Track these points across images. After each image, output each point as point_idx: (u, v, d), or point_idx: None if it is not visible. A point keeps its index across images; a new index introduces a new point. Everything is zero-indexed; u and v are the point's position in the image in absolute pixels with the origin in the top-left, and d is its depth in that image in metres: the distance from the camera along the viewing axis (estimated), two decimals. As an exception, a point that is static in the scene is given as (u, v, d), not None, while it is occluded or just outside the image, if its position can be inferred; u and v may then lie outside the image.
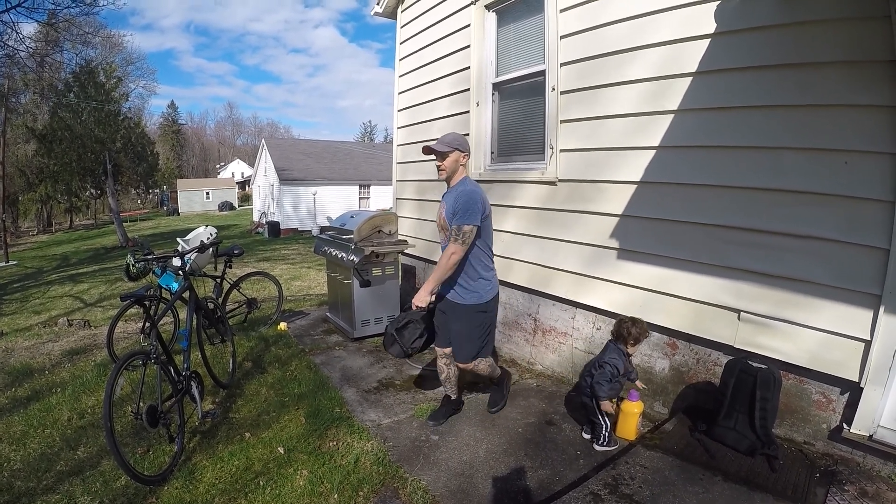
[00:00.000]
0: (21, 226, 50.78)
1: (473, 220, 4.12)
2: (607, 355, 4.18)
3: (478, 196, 4.17)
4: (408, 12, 8.26)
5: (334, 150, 45.91)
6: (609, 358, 4.14)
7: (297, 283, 14.27)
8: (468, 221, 4.10)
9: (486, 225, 4.29)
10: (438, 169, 4.34)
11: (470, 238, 4.15)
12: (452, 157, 4.26)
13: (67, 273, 20.85)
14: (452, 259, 4.16)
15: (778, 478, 3.51)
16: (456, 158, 4.28)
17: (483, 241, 4.32)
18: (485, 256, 4.36)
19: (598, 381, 4.09)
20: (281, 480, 3.75)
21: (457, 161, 4.29)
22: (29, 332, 8.72)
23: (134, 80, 42.80)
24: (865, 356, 3.50)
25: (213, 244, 6.19)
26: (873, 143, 3.37)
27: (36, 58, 23.68)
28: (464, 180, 4.34)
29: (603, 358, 4.19)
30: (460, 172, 4.36)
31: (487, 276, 4.38)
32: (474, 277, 4.32)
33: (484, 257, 4.35)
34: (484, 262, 4.35)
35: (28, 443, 4.38)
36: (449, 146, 4.22)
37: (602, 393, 4.05)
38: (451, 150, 4.23)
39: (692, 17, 4.20)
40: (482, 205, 4.19)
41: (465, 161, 4.36)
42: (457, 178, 4.35)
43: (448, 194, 4.34)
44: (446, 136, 4.30)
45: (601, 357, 4.24)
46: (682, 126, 4.37)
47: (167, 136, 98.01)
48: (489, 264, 4.42)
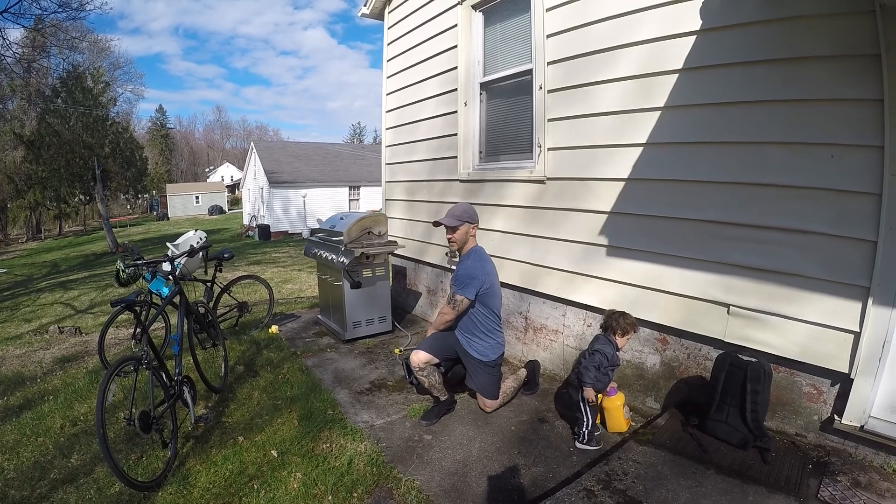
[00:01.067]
0: (10, 233, 50.57)
1: (467, 293, 4.54)
2: (597, 344, 4.20)
3: (477, 271, 4.54)
4: (395, 13, 8.25)
5: (324, 152, 45.89)
6: (599, 346, 4.17)
7: (288, 286, 14.27)
8: (461, 293, 4.55)
9: (488, 296, 4.62)
10: (449, 241, 4.63)
11: (461, 307, 4.60)
12: (462, 230, 4.56)
13: (58, 280, 20.79)
14: (442, 318, 4.73)
15: (771, 470, 3.53)
16: (466, 230, 4.58)
17: (488, 308, 4.65)
18: (490, 321, 4.69)
19: (585, 366, 4.12)
20: (275, 483, 3.73)
21: (467, 233, 4.60)
22: (20, 340, 8.69)
23: (122, 84, 42.70)
24: (855, 347, 3.52)
25: (203, 248, 6.17)
26: (859, 136, 3.39)
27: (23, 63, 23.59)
28: (472, 251, 4.67)
29: (593, 347, 4.22)
30: (470, 242, 4.66)
31: (493, 337, 4.70)
32: (480, 337, 4.70)
33: (489, 322, 4.69)
34: (489, 327, 4.69)
35: (21, 451, 4.35)
36: (459, 220, 4.51)
37: (588, 379, 4.07)
38: (461, 224, 4.53)
39: (678, 13, 4.21)
40: (481, 281, 4.50)
41: (474, 231, 4.67)
42: (467, 247, 4.65)
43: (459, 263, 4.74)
44: (455, 209, 4.58)
45: (591, 346, 4.26)
46: (669, 123, 4.38)
47: (156, 140, 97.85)
48: (495, 328, 4.72)
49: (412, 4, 7.65)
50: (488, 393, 4.72)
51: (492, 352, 4.68)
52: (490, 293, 4.60)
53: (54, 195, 36.94)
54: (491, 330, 4.67)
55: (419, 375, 4.62)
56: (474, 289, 4.52)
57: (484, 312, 4.63)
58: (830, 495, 3.24)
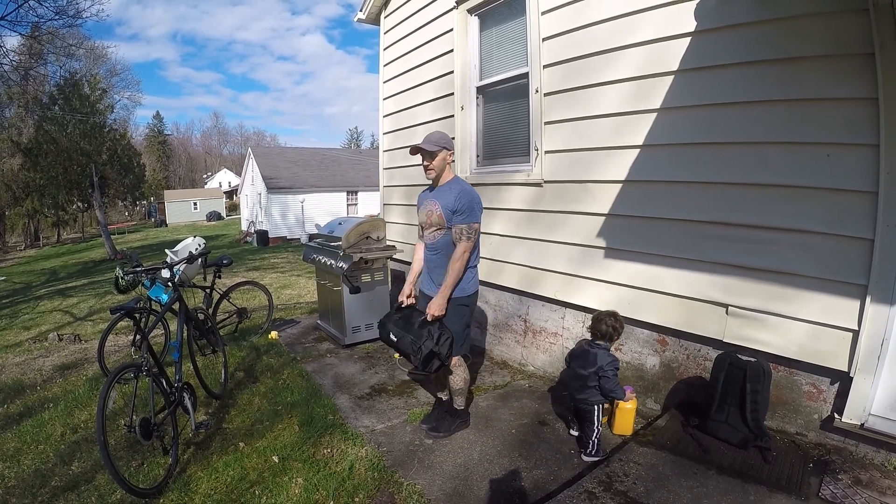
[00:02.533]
0: (8, 241, 50.51)
1: (477, 217, 4.24)
2: (604, 360, 4.07)
3: (475, 194, 4.25)
4: (391, 18, 8.27)
5: (321, 158, 45.85)
6: (608, 363, 4.07)
7: (288, 292, 14.27)
8: (475, 219, 4.21)
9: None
10: (426, 169, 4.34)
11: (476, 235, 4.26)
12: (440, 157, 4.27)
13: (56, 287, 20.77)
14: (465, 257, 4.19)
15: (772, 469, 3.53)
16: (444, 157, 4.30)
17: None
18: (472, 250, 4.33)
19: (612, 388, 4.05)
20: (276, 489, 3.73)
21: (444, 160, 4.31)
22: (19, 347, 8.69)
23: (119, 91, 42.54)
24: (854, 346, 3.53)
25: (202, 255, 6.17)
26: (855, 135, 3.40)
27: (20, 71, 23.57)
28: (456, 179, 4.38)
29: (602, 365, 4.06)
30: (448, 171, 4.38)
31: (471, 267, 4.36)
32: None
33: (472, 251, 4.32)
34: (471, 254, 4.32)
35: (22, 459, 4.35)
36: (437, 145, 4.24)
37: (619, 394, 4.09)
38: (440, 150, 4.25)
39: (672, 16, 4.23)
40: (479, 201, 4.27)
41: (451, 160, 4.38)
42: (445, 176, 4.36)
43: (440, 192, 4.33)
44: (432, 136, 4.31)
45: (598, 363, 4.08)
46: (666, 124, 4.39)
47: (153, 147, 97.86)
48: (474, 258, 4.38)
49: (408, 9, 7.67)
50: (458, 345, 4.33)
51: (469, 284, 4.35)
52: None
53: (52, 202, 36.88)
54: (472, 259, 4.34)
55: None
56: (480, 211, 4.28)
57: None
58: (832, 494, 3.24)
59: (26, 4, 17.19)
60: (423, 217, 4.45)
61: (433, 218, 4.31)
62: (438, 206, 4.27)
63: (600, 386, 4.08)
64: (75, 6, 19.23)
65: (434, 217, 4.29)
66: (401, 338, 4.24)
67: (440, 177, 4.36)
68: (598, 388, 4.08)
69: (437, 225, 4.30)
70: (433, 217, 4.31)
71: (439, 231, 4.30)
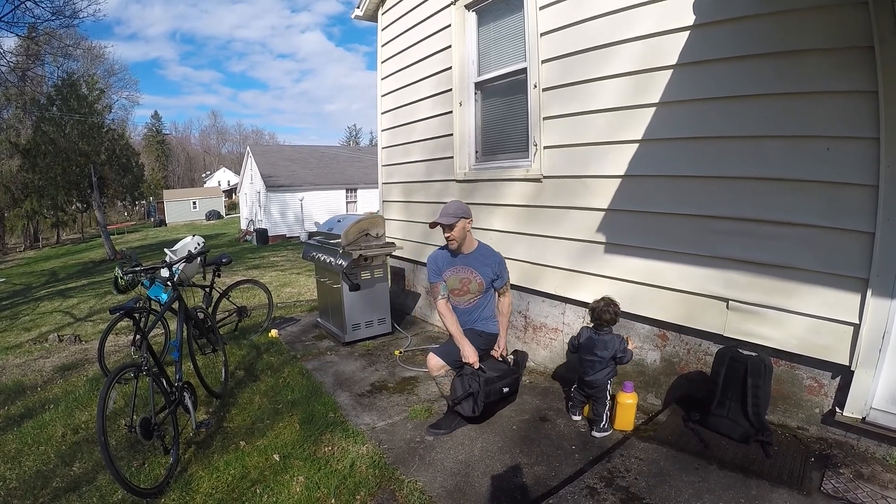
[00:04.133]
0: (8, 242, 50.49)
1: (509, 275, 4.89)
2: (618, 344, 4.29)
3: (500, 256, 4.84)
4: (388, 14, 8.25)
5: (320, 155, 45.82)
6: (621, 345, 4.29)
7: (287, 290, 14.26)
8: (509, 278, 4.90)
9: None
10: (448, 239, 4.63)
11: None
12: (460, 227, 4.57)
13: (56, 288, 20.77)
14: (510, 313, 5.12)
15: (773, 464, 3.53)
16: (463, 226, 4.60)
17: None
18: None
19: (628, 361, 4.38)
20: (278, 488, 3.73)
21: (464, 228, 4.62)
22: (20, 349, 8.68)
23: (117, 91, 42.58)
24: (855, 340, 3.52)
25: (201, 254, 6.16)
26: (854, 128, 3.39)
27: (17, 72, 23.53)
28: (481, 246, 4.84)
29: (618, 348, 4.28)
30: (470, 238, 4.72)
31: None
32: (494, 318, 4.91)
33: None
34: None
35: (23, 460, 4.34)
36: (454, 216, 4.53)
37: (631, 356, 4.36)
38: (458, 220, 4.54)
39: (671, 9, 4.22)
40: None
41: (469, 227, 4.69)
42: (468, 242, 4.72)
43: (473, 261, 4.74)
44: (448, 207, 4.60)
45: (615, 347, 4.29)
46: (665, 118, 4.38)
47: (152, 146, 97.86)
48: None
49: (405, 5, 7.65)
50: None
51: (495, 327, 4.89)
52: None
53: (51, 203, 36.83)
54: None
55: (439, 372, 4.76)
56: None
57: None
58: (833, 488, 3.24)
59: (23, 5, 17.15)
60: (455, 284, 4.75)
61: (471, 286, 4.72)
62: (478, 276, 4.69)
63: (617, 363, 4.33)
64: (72, 7, 19.25)
65: (473, 286, 4.71)
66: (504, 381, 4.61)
67: (462, 245, 4.68)
68: (613, 367, 4.33)
69: (475, 293, 4.73)
70: (471, 286, 4.72)
71: (477, 296, 4.75)
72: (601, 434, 4.24)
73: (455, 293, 4.74)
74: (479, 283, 4.67)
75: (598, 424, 4.26)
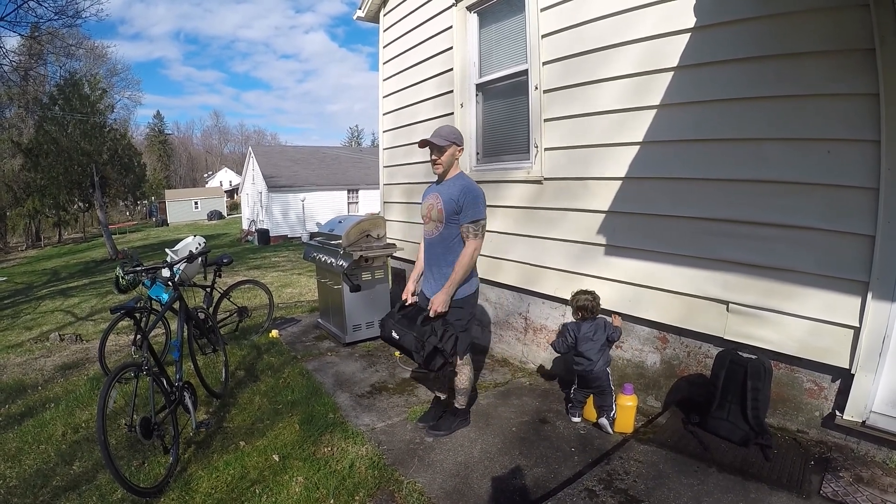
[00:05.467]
0: (9, 241, 50.52)
1: (483, 213, 4.15)
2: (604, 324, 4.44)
3: (481, 190, 4.18)
4: (390, 16, 8.26)
5: (322, 156, 45.86)
6: (607, 324, 4.44)
7: (288, 290, 14.26)
8: (480, 215, 4.13)
9: None
10: (434, 163, 4.26)
11: (484, 231, 4.20)
12: (449, 152, 4.20)
13: (58, 287, 20.77)
14: (475, 255, 4.16)
15: (773, 467, 3.53)
16: (452, 152, 4.22)
17: None
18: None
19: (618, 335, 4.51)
20: (277, 488, 3.73)
21: (453, 155, 4.24)
22: (21, 348, 8.69)
23: (119, 91, 42.54)
24: (855, 343, 3.52)
25: (202, 254, 6.17)
26: (855, 130, 3.39)
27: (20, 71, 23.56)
28: (461, 174, 4.30)
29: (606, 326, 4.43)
30: (455, 167, 4.31)
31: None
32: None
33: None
34: None
35: (23, 459, 4.36)
36: (446, 139, 4.16)
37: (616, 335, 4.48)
38: (449, 144, 4.17)
39: (672, 12, 4.22)
40: (483, 196, 4.18)
41: (459, 155, 4.32)
42: (452, 172, 4.29)
43: (443, 187, 4.26)
44: (442, 129, 4.24)
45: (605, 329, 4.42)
46: (665, 121, 4.38)
47: (154, 146, 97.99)
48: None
49: (407, 7, 7.67)
50: (461, 344, 4.28)
51: (470, 284, 4.31)
52: None
53: (53, 203, 36.82)
54: None
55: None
56: (485, 207, 4.19)
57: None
58: (833, 491, 3.24)
59: (26, 5, 17.17)
60: (423, 211, 4.39)
61: (433, 212, 4.26)
62: (440, 201, 4.20)
63: (611, 344, 4.47)
64: (74, 6, 19.21)
65: (434, 212, 4.25)
66: (403, 335, 4.18)
67: (447, 172, 4.29)
68: (608, 351, 4.44)
69: (436, 220, 4.24)
70: (433, 211, 4.26)
71: (438, 226, 4.24)
72: (606, 423, 4.28)
73: (424, 221, 4.41)
74: (440, 210, 4.20)
75: (608, 413, 4.30)
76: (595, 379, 4.34)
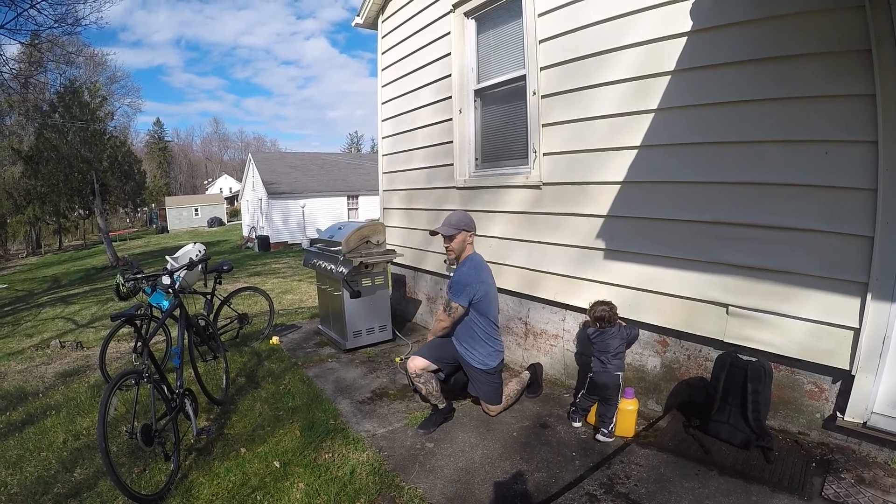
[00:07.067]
0: (10, 248, 50.57)
1: (461, 300, 4.52)
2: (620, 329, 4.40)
3: (472, 279, 4.52)
4: (388, 22, 8.28)
5: (321, 162, 45.93)
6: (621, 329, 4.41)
7: (289, 297, 14.27)
8: (455, 300, 4.54)
9: (481, 304, 4.58)
10: (446, 250, 4.61)
11: (456, 314, 4.58)
12: (459, 239, 4.56)
13: (58, 295, 20.80)
14: (438, 325, 4.72)
15: (774, 469, 3.52)
16: (463, 239, 4.58)
17: (484, 316, 4.63)
18: (487, 329, 4.68)
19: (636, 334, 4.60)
20: (278, 494, 3.73)
21: (464, 241, 4.61)
22: (21, 355, 8.68)
23: (119, 98, 42.63)
24: (855, 344, 3.52)
25: (202, 261, 6.18)
26: (853, 132, 3.40)
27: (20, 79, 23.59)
28: (467, 259, 4.67)
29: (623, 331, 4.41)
30: (468, 250, 4.66)
31: (490, 344, 4.69)
32: (478, 345, 4.68)
33: (486, 330, 4.68)
34: (487, 334, 4.69)
35: (24, 466, 4.35)
36: (455, 228, 4.51)
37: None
38: (458, 232, 4.52)
39: (668, 16, 4.23)
40: (474, 289, 4.51)
41: (471, 239, 4.67)
42: (464, 255, 4.65)
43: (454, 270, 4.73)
44: (451, 217, 4.57)
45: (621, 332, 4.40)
46: (664, 124, 4.39)
47: (154, 153, 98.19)
48: (493, 336, 4.72)
49: (405, 13, 7.68)
50: (491, 399, 4.75)
51: (491, 359, 4.68)
52: (485, 301, 4.59)
53: (53, 210, 36.95)
54: (488, 337, 4.66)
55: (416, 382, 4.60)
56: (467, 296, 4.52)
57: (480, 320, 4.62)
58: (835, 493, 3.23)
59: (25, 13, 17.20)
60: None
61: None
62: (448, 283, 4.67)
63: (629, 344, 4.54)
64: (74, 14, 19.26)
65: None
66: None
67: (459, 257, 4.64)
68: (623, 357, 4.37)
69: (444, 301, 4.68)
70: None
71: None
72: (605, 439, 4.23)
73: None
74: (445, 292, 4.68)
75: (607, 426, 4.25)
76: (604, 387, 4.29)
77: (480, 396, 4.77)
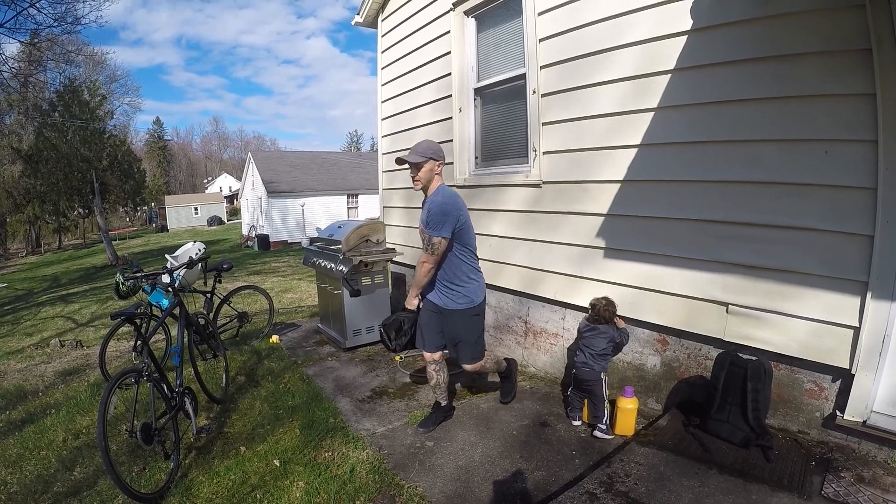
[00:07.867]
0: (10, 247, 50.57)
1: (443, 232, 4.15)
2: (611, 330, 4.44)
3: (449, 207, 4.16)
4: (388, 21, 8.28)
5: (321, 161, 45.92)
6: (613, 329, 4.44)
7: (289, 296, 14.27)
8: (437, 234, 4.16)
9: (462, 233, 4.28)
10: (413, 180, 4.32)
11: (439, 249, 4.20)
12: (427, 167, 4.24)
13: (58, 294, 20.80)
14: (423, 268, 4.29)
15: (774, 468, 3.52)
16: (430, 168, 4.26)
17: (464, 248, 4.34)
18: (469, 261, 4.39)
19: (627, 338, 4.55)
20: (278, 493, 3.73)
21: (431, 170, 4.27)
22: (21, 354, 8.68)
23: (118, 97, 42.67)
24: (855, 343, 3.52)
25: (202, 259, 6.17)
26: (852, 131, 3.40)
27: (20, 78, 23.57)
28: (438, 189, 4.31)
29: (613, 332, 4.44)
30: (436, 181, 4.33)
31: (475, 278, 4.42)
32: (463, 282, 4.35)
33: (468, 262, 4.38)
34: (469, 265, 4.38)
35: (24, 465, 4.35)
36: (422, 156, 4.20)
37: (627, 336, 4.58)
38: (426, 160, 4.21)
39: (668, 14, 4.23)
40: (455, 216, 4.18)
41: (439, 169, 4.33)
42: (433, 186, 4.32)
43: (424, 204, 4.35)
44: (419, 145, 4.29)
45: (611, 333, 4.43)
46: (663, 123, 4.39)
47: (153, 152, 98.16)
48: (475, 267, 4.44)
49: (405, 12, 7.68)
50: (474, 351, 4.56)
51: (476, 294, 4.44)
52: (466, 228, 4.33)
53: (53, 209, 36.96)
54: (472, 270, 4.43)
55: (430, 368, 4.59)
56: (450, 226, 4.16)
57: (463, 253, 4.37)
58: (834, 491, 3.23)
59: (25, 11, 17.19)
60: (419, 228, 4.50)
61: (420, 229, 4.40)
62: (420, 222, 4.34)
63: (617, 347, 4.50)
64: (74, 13, 19.24)
65: (420, 228, 4.40)
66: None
67: (427, 188, 4.34)
68: (609, 355, 4.46)
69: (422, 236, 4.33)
70: (420, 228, 4.41)
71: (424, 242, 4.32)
72: (602, 435, 4.25)
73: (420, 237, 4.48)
74: (421, 229, 4.35)
75: (600, 421, 4.28)
76: (585, 381, 4.36)
77: (461, 352, 4.56)
